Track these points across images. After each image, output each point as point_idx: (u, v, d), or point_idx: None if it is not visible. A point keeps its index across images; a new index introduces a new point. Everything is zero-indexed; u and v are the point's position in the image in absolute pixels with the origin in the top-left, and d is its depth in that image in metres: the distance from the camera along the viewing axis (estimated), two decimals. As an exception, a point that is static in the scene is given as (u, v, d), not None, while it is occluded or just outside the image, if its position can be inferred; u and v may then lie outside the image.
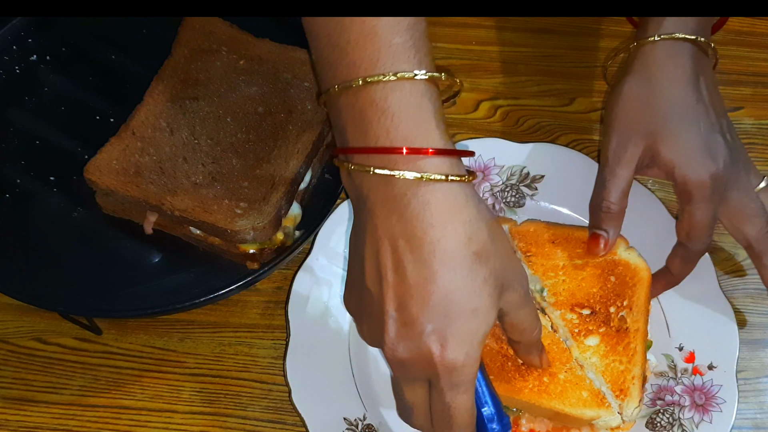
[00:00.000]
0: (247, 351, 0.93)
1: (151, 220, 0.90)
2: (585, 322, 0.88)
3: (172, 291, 0.89)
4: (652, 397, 0.88)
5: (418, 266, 0.70)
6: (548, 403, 0.84)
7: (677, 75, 0.88)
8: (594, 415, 0.84)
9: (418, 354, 0.72)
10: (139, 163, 0.89)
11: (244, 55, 0.95)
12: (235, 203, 0.88)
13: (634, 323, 0.88)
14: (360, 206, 0.74)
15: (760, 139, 1.04)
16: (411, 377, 0.74)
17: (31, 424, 0.89)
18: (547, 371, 0.85)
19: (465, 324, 0.71)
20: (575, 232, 0.93)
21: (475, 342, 0.72)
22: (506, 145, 0.98)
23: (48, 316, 0.92)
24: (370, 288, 0.73)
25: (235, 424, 0.89)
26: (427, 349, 0.71)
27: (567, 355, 0.86)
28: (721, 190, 0.86)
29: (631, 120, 0.89)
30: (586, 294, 0.90)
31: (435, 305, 0.70)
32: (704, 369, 0.89)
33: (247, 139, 0.91)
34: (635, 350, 0.87)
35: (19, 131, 0.96)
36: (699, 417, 0.87)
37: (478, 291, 0.71)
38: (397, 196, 0.71)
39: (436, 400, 0.74)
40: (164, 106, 0.92)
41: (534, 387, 0.84)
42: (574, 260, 0.91)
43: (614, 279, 0.90)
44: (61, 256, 0.91)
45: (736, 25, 1.10)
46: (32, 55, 1.00)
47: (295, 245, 0.89)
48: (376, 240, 0.72)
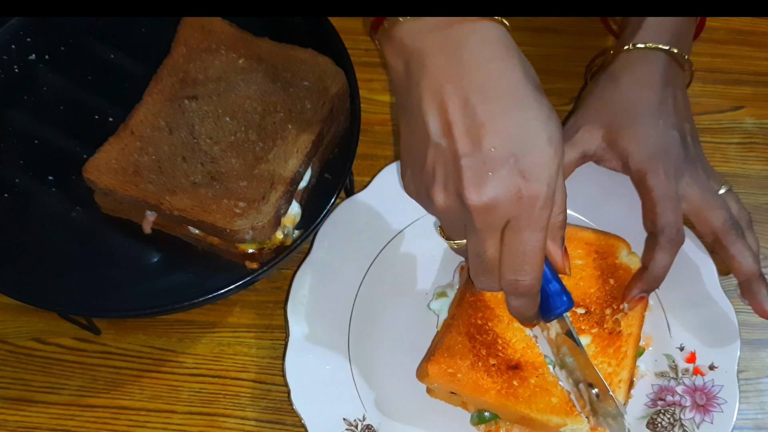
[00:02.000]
0: (246, 351, 0.92)
1: (149, 220, 0.90)
2: (578, 321, 0.88)
3: (171, 291, 0.88)
4: (653, 398, 0.88)
5: (487, 103, 0.70)
6: (514, 407, 0.84)
7: (645, 79, 0.91)
8: (560, 422, 0.84)
9: (502, 190, 0.70)
10: (137, 163, 0.89)
11: (243, 54, 0.95)
12: (234, 203, 0.87)
13: (627, 327, 0.88)
14: (411, 69, 0.72)
15: (761, 138, 1.04)
16: (493, 224, 0.72)
17: (30, 424, 0.89)
18: (518, 375, 0.85)
19: (543, 153, 0.71)
20: (578, 232, 0.92)
21: (554, 173, 0.71)
22: None
23: (47, 316, 0.92)
24: (439, 141, 0.71)
25: (234, 425, 0.89)
26: (511, 182, 0.70)
27: (541, 360, 0.86)
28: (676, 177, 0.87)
29: (592, 111, 0.92)
30: (582, 293, 0.89)
31: (512, 137, 0.70)
32: (705, 369, 0.88)
33: (246, 138, 0.91)
34: (626, 354, 0.87)
35: (18, 130, 0.96)
36: (700, 417, 0.86)
37: (548, 120, 0.71)
38: (455, 37, 0.70)
39: (511, 241, 0.72)
40: (163, 105, 0.92)
41: (502, 389, 0.84)
42: (574, 260, 0.91)
43: (613, 282, 0.90)
44: (60, 256, 0.90)
45: (736, 24, 1.10)
46: (31, 54, 1.00)
47: (294, 245, 0.88)
48: (438, 90, 0.71)
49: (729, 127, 1.04)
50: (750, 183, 1.01)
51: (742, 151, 1.03)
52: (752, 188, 1.01)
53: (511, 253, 0.73)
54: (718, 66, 1.07)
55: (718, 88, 1.06)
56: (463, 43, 0.70)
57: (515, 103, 0.70)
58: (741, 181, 1.01)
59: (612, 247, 0.92)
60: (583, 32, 1.10)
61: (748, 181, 1.01)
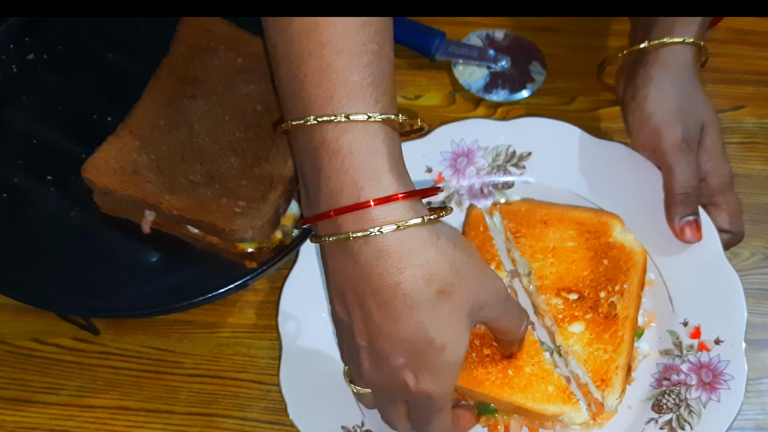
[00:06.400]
0: (245, 351, 0.92)
1: (148, 219, 0.90)
2: (571, 308, 0.87)
3: (170, 290, 0.88)
4: (658, 378, 0.87)
5: (381, 308, 0.71)
6: (510, 397, 0.82)
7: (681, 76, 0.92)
8: (557, 411, 0.82)
9: (394, 383, 0.73)
10: (136, 162, 0.89)
11: (242, 53, 0.95)
12: (234, 202, 0.87)
13: (623, 310, 0.86)
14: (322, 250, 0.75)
15: (762, 138, 1.04)
16: (390, 399, 0.76)
17: (29, 425, 0.89)
18: (513, 363, 0.84)
19: (435, 358, 0.72)
20: (570, 212, 0.91)
21: (448, 373, 0.73)
22: (488, 124, 0.96)
23: (45, 316, 0.92)
24: (342, 318, 0.74)
25: (234, 425, 0.89)
26: (401, 380, 0.73)
27: (536, 348, 0.85)
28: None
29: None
30: (575, 278, 0.88)
31: (403, 342, 0.71)
32: (711, 344, 0.86)
33: (246, 137, 0.90)
34: (622, 339, 0.85)
35: (17, 130, 0.96)
36: (707, 396, 0.84)
37: (443, 327, 0.71)
38: (350, 248, 0.71)
39: (414, 420, 0.76)
40: (162, 104, 0.92)
41: (497, 380, 0.83)
42: (565, 242, 0.90)
43: (607, 262, 0.89)
44: (59, 256, 0.90)
45: (737, 24, 1.10)
46: (29, 53, 1.00)
47: (293, 244, 0.88)
48: (338, 281, 0.73)
49: (730, 126, 1.04)
50: (750, 183, 1.01)
51: (742, 150, 1.03)
52: (753, 188, 1.01)
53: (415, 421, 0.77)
54: (718, 66, 1.07)
55: (718, 88, 1.06)
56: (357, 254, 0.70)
57: (411, 311, 0.70)
58: (742, 181, 1.00)
59: (605, 225, 0.91)
60: (584, 31, 1.10)
61: (749, 181, 1.01)
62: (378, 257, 0.70)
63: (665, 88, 0.90)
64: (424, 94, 1.07)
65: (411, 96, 1.06)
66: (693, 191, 0.88)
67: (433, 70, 1.07)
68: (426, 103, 1.06)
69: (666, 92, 0.90)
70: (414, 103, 1.06)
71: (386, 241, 0.70)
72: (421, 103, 1.06)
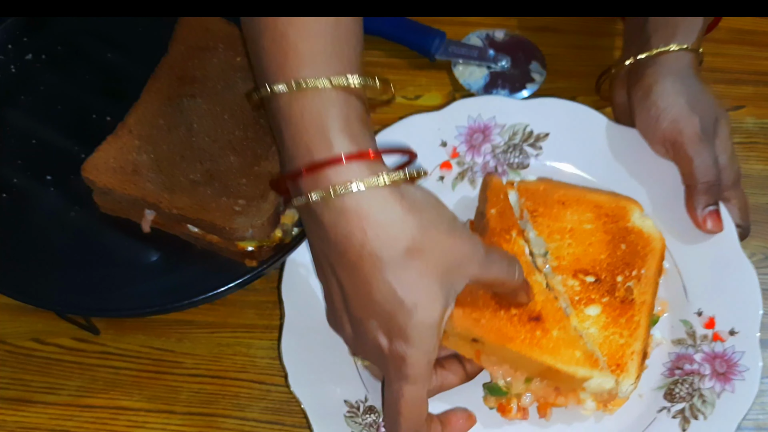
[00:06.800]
0: (245, 351, 0.92)
1: (148, 219, 0.89)
2: (587, 290, 0.86)
3: (170, 290, 0.88)
4: (671, 367, 0.86)
5: (349, 273, 0.71)
6: (540, 357, 0.80)
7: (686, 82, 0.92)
8: (587, 375, 0.80)
9: (372, 347, 0.73)
10: (136, 162, 0.89)
11: (241, 51, 0.95)
12: (234, 201, 0.87)
13: (640, 295, 0.85)
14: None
15: (762, 138, 1.04)
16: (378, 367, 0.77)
17: (29, 425, 0.89)
18: (540, 326, 0.81)
19: (408, 319, 0.71)
20: (588, 194, 0.90)
21: (423, 334, 0.72)
22: (508, 102, 0.96)
23: (45, 316, 0.92)
24: (322, 284, 0.76)
25: (234, 425, 0.89)
26: (376, 342, 0.72)
27: (561, 313, 0.83)
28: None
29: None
30: (592, 260, 0.87)
31: (374, 305, 0.71)
32: (725, 335, 0.85)
33: (245, 136, 0.90)
34: (638, 324, 0.84)
35: (16, 130, 0.96)
36: (720, 386, 0.83)
37: (413, 287, 0.71)
38: (314, 211, 0.71)
39: (386, 391, 0.75)
40: (161, 103, 0.92)
41: (526, 339, 0.81)
42: (583, 224, 0.89)
43: (625, 247, 0.88)
44: (59, 256, 0.90)
45: (737, 24, 1.10)
46: (28, 53, 0.99)
47: (293, 243, 0.88)
48: (313, 247, 0.75)
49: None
50: (751, 183, 1.01)
51: (742, 150, 1.03)
52: (753, 188, 1.00)
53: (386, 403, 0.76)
54: (718, 66, 1.07)
55: (718, 88, 1.06)
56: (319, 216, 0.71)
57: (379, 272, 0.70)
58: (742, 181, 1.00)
59: (623, 209, 0.90)
60: (584, 31, 1.10)
61: (749, 181, 1.01)
62: (339, 218, 0.70)
63: (677, 84, 0.91)
64: (424, 94, 1.07)
65: (411, 96, 1.06)
66: (715, 180, 0.88)
67: (433, 70, 1.07)
68: (426, 103, 1.06)
69: (678, 88, 0.90)
70: (414, 102, 1.06)
71: (345, 201, 0.70)
72: (421, 102, 1.06)
